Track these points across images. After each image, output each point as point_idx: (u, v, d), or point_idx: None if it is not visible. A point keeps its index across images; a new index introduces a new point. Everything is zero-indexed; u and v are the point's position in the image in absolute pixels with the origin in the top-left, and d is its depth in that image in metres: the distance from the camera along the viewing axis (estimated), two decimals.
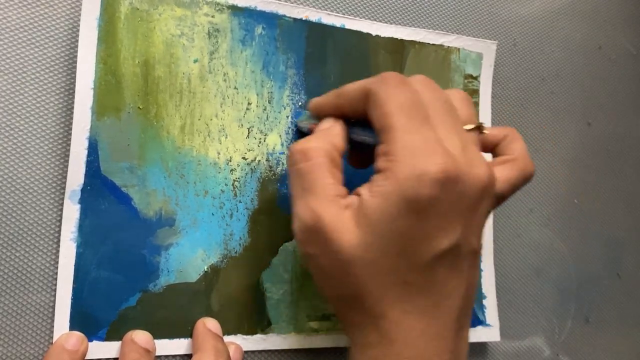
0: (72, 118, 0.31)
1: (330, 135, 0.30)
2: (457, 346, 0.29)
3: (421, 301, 0.27)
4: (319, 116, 0.33)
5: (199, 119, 0.34)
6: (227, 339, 0.34)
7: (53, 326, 0.31)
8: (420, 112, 0.27)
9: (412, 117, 0.27)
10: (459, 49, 0.41)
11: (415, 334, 0.27)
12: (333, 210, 0.27)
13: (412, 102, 0.27)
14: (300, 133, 0.36)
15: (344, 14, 0.39)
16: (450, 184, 0.26)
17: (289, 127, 0.36)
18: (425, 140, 0.26)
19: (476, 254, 0.29)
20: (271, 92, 0.35)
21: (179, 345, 0.33)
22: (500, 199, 0.32)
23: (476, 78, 0.41)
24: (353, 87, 0.30)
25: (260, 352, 0.35)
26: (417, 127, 0.27)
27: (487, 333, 0.40)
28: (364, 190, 0.27)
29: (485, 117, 0.42)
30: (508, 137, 0.33)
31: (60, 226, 0.31)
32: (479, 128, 0.31)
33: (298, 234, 0.29)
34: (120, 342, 0.32)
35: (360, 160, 0.33)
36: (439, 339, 0.28)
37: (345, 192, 0.29)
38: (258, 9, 0.35)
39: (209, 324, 0.33)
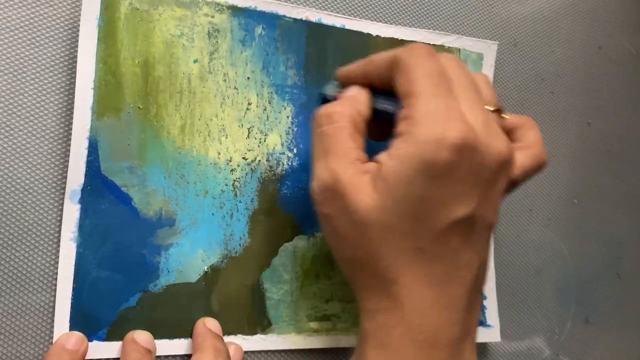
0: (72, 118, 0.31)
1: (355, 102, 0.31)
2: (467, 320, 0.29)
3: (434, 269, 0.27)
4: (345, 84, 0.33)
5: (199, 119, 0.34)
6: (227, 339, 0.34)
7: (53, 326, 0.31)
8: (446, 83, 0.28)
9: (437, 86, 0.27)
10: (459, 50, 0.40)
11: (427, 303, 0.27)
12: (352, 171, 0.28)
13: (439, 72, 0.28)
14: (324, 101, 0.36)
15: (344, 14, 0.39)
16: (468, 153, 0.26)
17: (289, 127, 0.36)
18: (448, 108, 0.27)
19: (490, 229, 0.29)
20: (271, 92, 0.35)
21: (179, 345, 0.33)
22: (512, 184, 0.32)
23: None
24: (382, 55, 0.31)
25: (260, 352, 0.35)
26: (441, 96, 0.27)
27: (487, 333, 0.40)
28: (382, 156, 0.28)
29: None
30: (525, 125, 0.34)
31: (60, 226, 0.31)
32: (499, 111, 0.31)
33: (316, 193, 0.29)
34: (120, 342, 0.32)
35: (379, 132, 0.34)
36: (450, 309, 0.28)
37: (365, 158, 0.29)
38: (258, 9, 0.35)
39: (209, 324, 0.33)
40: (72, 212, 0.31)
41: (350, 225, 0.28)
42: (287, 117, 0.36)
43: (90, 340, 0.31)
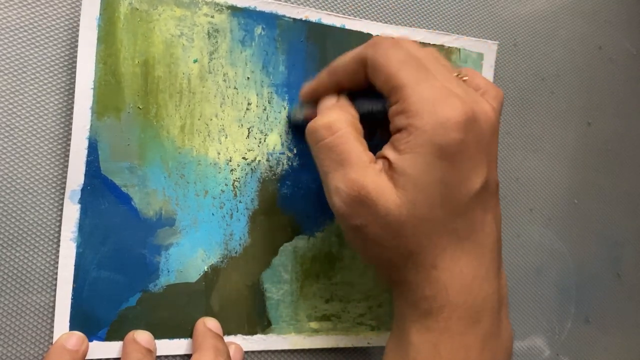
0: (72, 118, 0.31)
1: (344, 107, 0.31)
2: (500, 286, 0.30)
3: (467, 245, 0.28)
4: (313, 101, 0.33)
5: (199, 119, 0.34)
6: (227, 339, 0.34)
7: (53, 326, 0.31)
8: (422, 66, 0.28)
9: (417, 71, 0.28)
10: (459, 49, 0.40)
11: (468, 279, 0.28)
12: (372, 176, 0.28)
13: (411, 58, 0.28)
14: (295, 127, 0.36)
15: (344, 14, 0.39)
16: (471, 124, 0.27)
17: (290, 127, 0.36)
18: (437, 89, 0.27)
19: (498, 188, 0.30)
20: (271, 92, 0.35)
21: (179, 345, 0.33)
22: None
23: None
24: (346, 60, 0.31)
25: (260, 352, 0.35)
26: (424, 79, 0.28)
27: None
28: (388, 151, 0.28)
29: None
30: (468, 75, 0.33)
31: (60, 226, 0.31)
32: (459, 74, 0.31)
33: (343, 207, 0.28)
34: (120, 342, 0.32)
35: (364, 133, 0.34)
36: (488, 279, 0.28)
37: (374, 158, 0.29)
38: (257, 9, 0.35)
39: (209, 324, 0.33)
40: (72, 212, 0.31)
41: (385, 229, 0.28)
42: (287, 117, 0.36)
43: (90, 340, 0.31)
